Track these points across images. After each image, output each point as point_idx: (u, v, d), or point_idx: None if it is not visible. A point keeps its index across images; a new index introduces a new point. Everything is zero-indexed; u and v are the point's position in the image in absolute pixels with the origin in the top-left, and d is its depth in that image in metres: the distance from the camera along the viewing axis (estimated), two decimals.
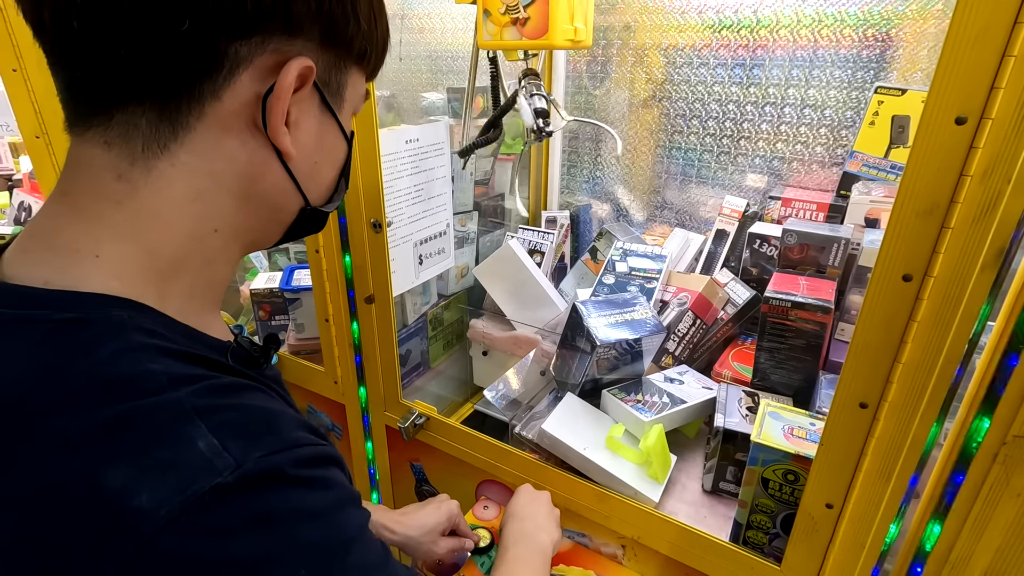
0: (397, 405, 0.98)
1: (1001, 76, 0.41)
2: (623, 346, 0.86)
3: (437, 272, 1.11)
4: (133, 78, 0.34)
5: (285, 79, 0.36)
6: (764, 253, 1.00)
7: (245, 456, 0.31)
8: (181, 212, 0.37)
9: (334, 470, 0.37)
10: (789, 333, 0.83)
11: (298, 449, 0.34)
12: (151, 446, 0.30)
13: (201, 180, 0.37)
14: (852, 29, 0.96)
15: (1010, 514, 0.51)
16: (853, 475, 0.58)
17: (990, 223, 0.45)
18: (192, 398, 0.32)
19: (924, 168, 0.46)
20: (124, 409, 0.30)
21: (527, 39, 0.77)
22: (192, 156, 0.36)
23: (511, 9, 0.77)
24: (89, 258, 0.35)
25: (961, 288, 0.47)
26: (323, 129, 0.41)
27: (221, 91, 0.35)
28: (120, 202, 0.35)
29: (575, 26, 0.77)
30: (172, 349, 0.34)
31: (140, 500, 0.28)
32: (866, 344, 0.53)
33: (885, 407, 0.54)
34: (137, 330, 0.34)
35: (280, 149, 0.38)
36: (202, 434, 0.31)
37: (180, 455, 0.30)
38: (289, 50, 0.36)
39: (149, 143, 0.35)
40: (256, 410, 0.35)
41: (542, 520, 0.72)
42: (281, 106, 0.37)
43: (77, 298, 0.33)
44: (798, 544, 0.64)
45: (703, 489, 0.85)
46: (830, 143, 1.04)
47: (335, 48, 0.39)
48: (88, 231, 0.35)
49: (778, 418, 0.71)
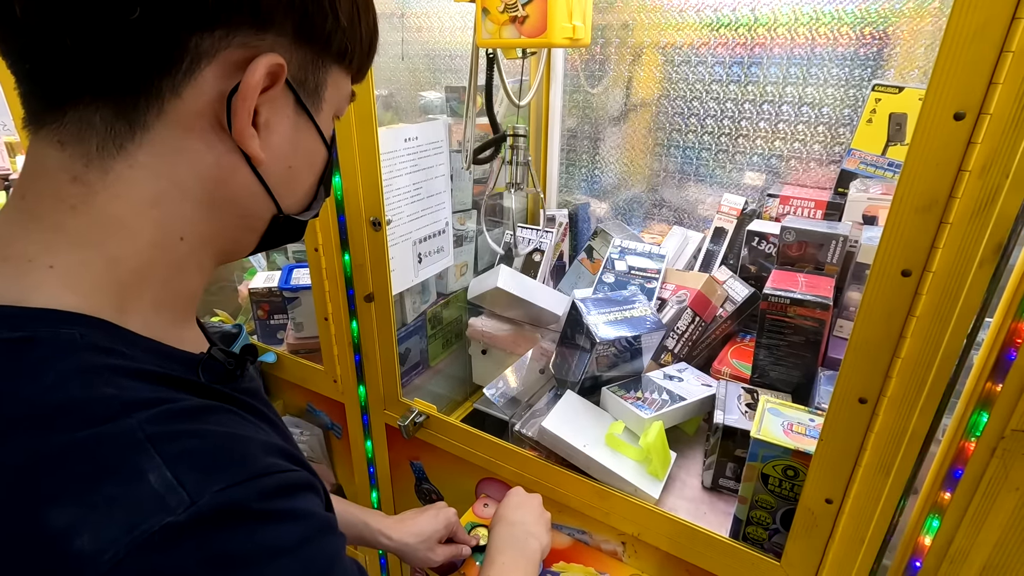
0: (397, 404, 0.98)
1: (999, 71, 0.42)
2: (622, 343, 0.86)
3: (436, 271, 1.11)
4: (85, 71, 0.31)
5: (252, 77, 0.33)
6: (762, 251, 1.00)
7: (201, 490, 0.28)
8: (142, 218, 0.34)
9: (305, 497, 0.35)
10: (788, 330, 0.83)
11: (264, 479, 0.31)
12: (98, 481, 0.27)
13: (162, 184, 0.34)
14: (849, 27, 0.97)
15: (1008, 508, 0.51)
16: (852, 470, 0.59)
17: (988, 218, 0.45)
18: (146, 425, 0.29)
19: (923, 164, 0.46)
20: (71, 439, 0.28)
21: (526, 37, 0.77)
22: (152, 158, 0.34)
23: (510, 7, 0.76)
24: (42, 269, 0.32)
25: (960, 283, 0.48)
26: (298, 132, 0.39)
27: (181, 88, 0.33)
28: (75, 207, 0.33)
29: (573, 24, 0.77)
30: (130, 368, 0.32)
31: (82, 542, 0.26)
32: (865, 339, 0.53)
33: (884, 402, 0.54)
34: (90, 349, 0.31)
35: (247, 153, 0.36)
36: (155, 466, 0.28)
37: (129, 491, 0.27)
38: (258, 45, 0.34)
39: (104, 143, 0.33)
40: (220, 436, 0.32)
41: (532, 525, 0.71)
42: (247, 106, 0.34)
43: (26, 314, 0.31)
44: (798, 539, 0.64)
45: (703, 486, 0.85)
46: (828, 141, 1.04)
47: (311, 44, 0.37)
48: (43, 239, 0.33)
49: (777, 414, 0.72)
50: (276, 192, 0.39)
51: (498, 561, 0.64)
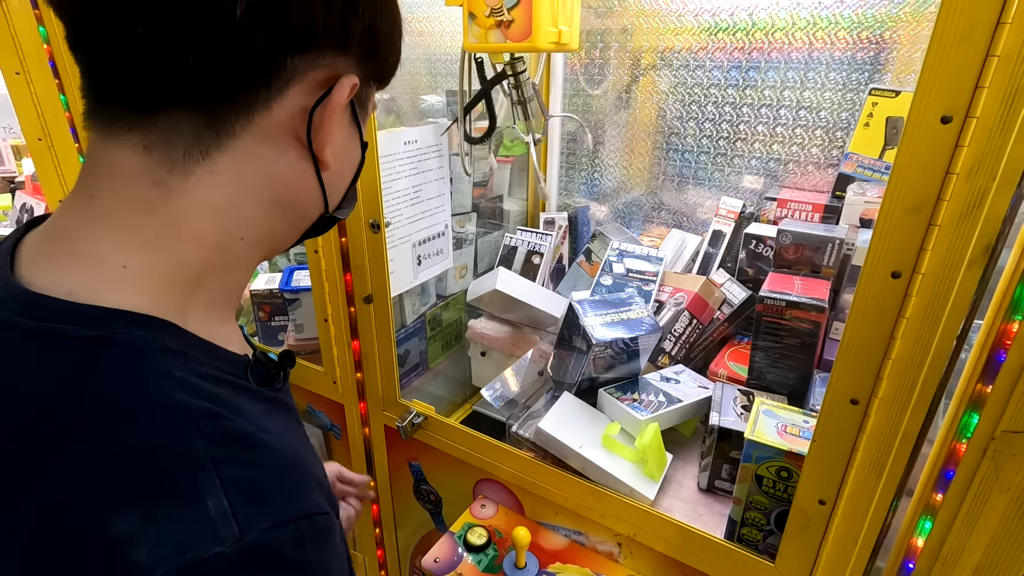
0: (395, 405, 0.99)
1: (985, 75, 0.42)
2: (619, 345, 0.86)
3: (435, 273, 1.11)
4: (185, 81, 0.33)
5: (341, 94, 0.37)
6: (760, 253, 1.01)
7: (250, 526, 0.30)
8: (211, 221, 0.36)
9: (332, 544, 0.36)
10: (784, 332, 0.83)
11: (303, 522, 0.33)
12: (162, 495, 0.29)
13: (238, 188, 0.37)
14: (847, 32, 0.97)
15: (1000, 509, 0.52)
16: (845, 471, 0.59)
17: (976, 220, 0.45)
18: (212, 446, 0.31)
19: (911, 166, 0.47)
20: (142, 446, 0.30)
21: (511, 42, 0.78)
22: (233, 164, 0.36)
23: (495, 11, 0.77)
24: (116, 268, 0.34)
25: (949, 285, 0.48)
26: (349, 140, 0.43)
27: (273, 102, 0.35)
28: (153, 209, 0.35)
29: (559, 28, 0.78)
30: (195, 371, 0.34)
31: (139, 554, 0.27)
32: (856, 341, 0.54)
33: (876, 403, 0.55)
34: (160, 351, 0.33)
35: (322, 160, 0.39)
36: (215, 491, 0.29)
37: (187, 512, 0.29)
38: (338, 66, 0.38)
39: (191, 149, 0.34)
40: (272, 468, 0.34)
41: None
42: (333, 119, 0.38)
43: (102, 314, 0.32)
44: (792, 540, 0.65)
45: (699, 487, 0.85)
46: (825, 144, 1.05)
47: (370, 66, 0.41)
48: (115, 238, 0.34)
49: (772, 416, 0.72)
50: (328, 193, 0.43)
51: None
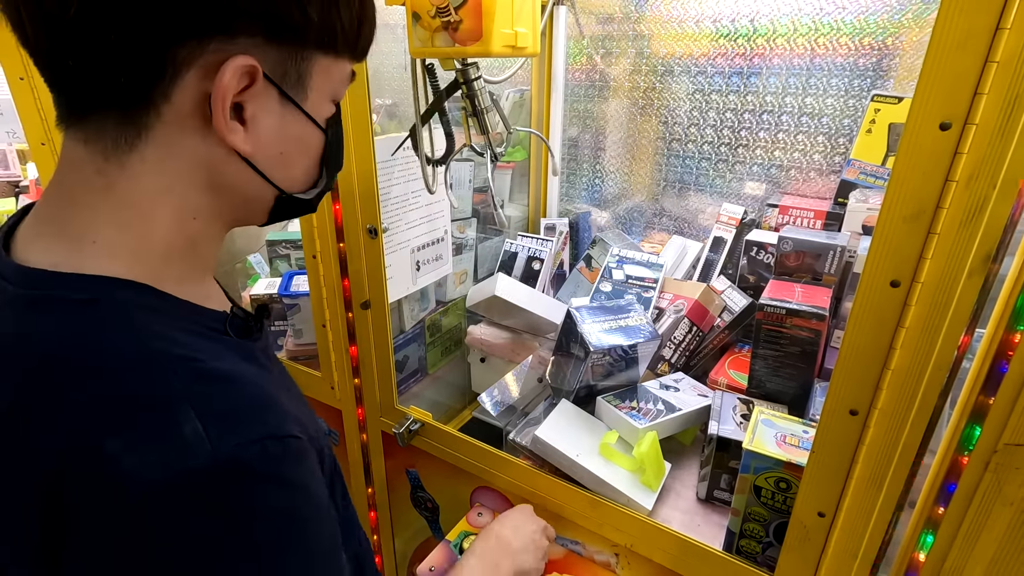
0: (393, 411, 0.99)
1: (984, 81, 0.41)
2: (618, 352, 0.86)
3: (435, 279, 1.11)
4: (91, 86, 0.37)
5: (221, 80, 0.37)
6: (761, 260, 1.00)
7: (220, 444, 0.34)
8: (159, 203, 0.40)
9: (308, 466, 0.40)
10: (784, 340, 0.82)
11: (271, 441, 0.37)
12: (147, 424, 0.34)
13: (170, 175, 0.40)
14: (848, 38, 0.97)
15: (1003, 524, 0.50)
16: (844, 483, 0.58)
17: (976, 228, 0.45)
18: (188, 385, 0.36)
19: (910, 173, 0.46)
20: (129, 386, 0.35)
21: (460, 45, 0.68)
22: (157, 152, 0.39)
23: (441, 11, 0.67)
24: (89, 244, 0.39)
25: (949, 294, 0.47)
26: (286, 121, 0.43)
27: (171, 93, 0.38)
28: (104, 193, 0.39)
29: (515, 31, 0.69)
30: (173, 325, 0.39)
31: (131, 462, 0.33)
32: (855, 350, 0.53)
33: (875, 414, 0.54)
34: (141, 309, 0.38)
35: (232, 146, 0.40)
36: (189, 419, 0.34)
37: (167, 435, 0.34)
38: (231, 49, 0.38)
39: (117, 142, 0.39)
40: (244, 400, 0.38)
41: (517, 544, 0.72)
42: (222, 106, 0.38)
43: (87, 280, 0.38)
44: (791, 553, 0.64)
45: (697, 497, 0.84)
46: (827, 151, 1.04)
47: (285, 42, 0.40)
48: (83, 218, 0.39)
49: (771, 425, 0.71)
50: (272, 176, 0.44)
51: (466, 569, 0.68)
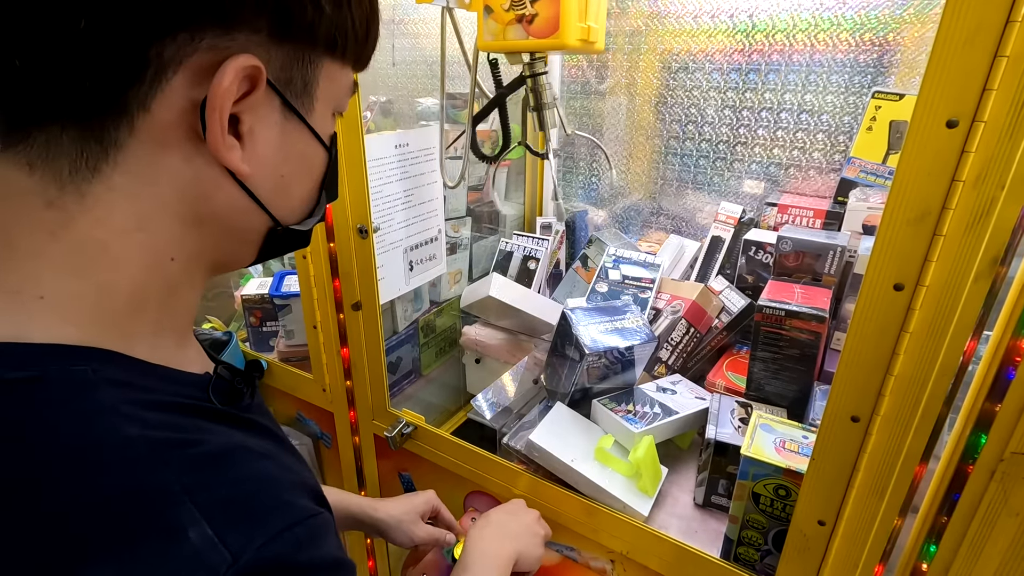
0: (385, 414, 0.97)
1: (993, 77, 0.40)
2: (613, 355, 0.84)
3: (428, 279, 1.09)
4: (42, 93, 0.28)
5: (220, 83, 0.30)
6: (760, 260, 0.98)
7: (243, 548, 0.28)
8: (128, 242, 0.32)
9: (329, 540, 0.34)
10: (783, 342, 0.81)
11: (297, 528, 0.31)
12: (137, 537, 0.26)
13: (144, 205, 0.32)
14: (849, 33, 0.95)
15: (1008, 534, 0.49)
16: (845, 491, 0.56)
17: (984, 230, 0.43)
18: (181, 475, 0.28)
19: (915, 173, 0.44)
20: (104, 488, 0.27)
21: (534, 39, 0.68)
22: (129, 178, 0.31)
23: (516, 5, 0.67)
24: (32, 300, 0.30)
25: (955, 298, 0.45)
26: (288, 136, 0.36)
27: (149, 101, 0.30)
28: (54, 233, 0.30)
29: (588, 25, 0.69)
30: (148, 401, 0.31)
31: None
32: (857, 355, 0.51)
33: (877, 421, 0.52)
34: (104, 384, 0.29)
35: (229, 165, 0.33)
36: (194, 520, 0.27)
37: (169, 549, 0.26)
38: (228, 47, 0.30)
39: (76, 165, 0.30)
40: (251, 482, 0.31)
41: (515, 527, 0.70)
42: (219, 116, 0.31)
43: (29, 351, 0.29)
44: (790, 562, 0.62)
45: (695, 503, 0.82)
46: (827, 149, 1.02)
47: (292, 40, 0.33)
48: (24, 268, 0.30)
49: (770, 431, 0.69)
50: (268, 204, 0.36)
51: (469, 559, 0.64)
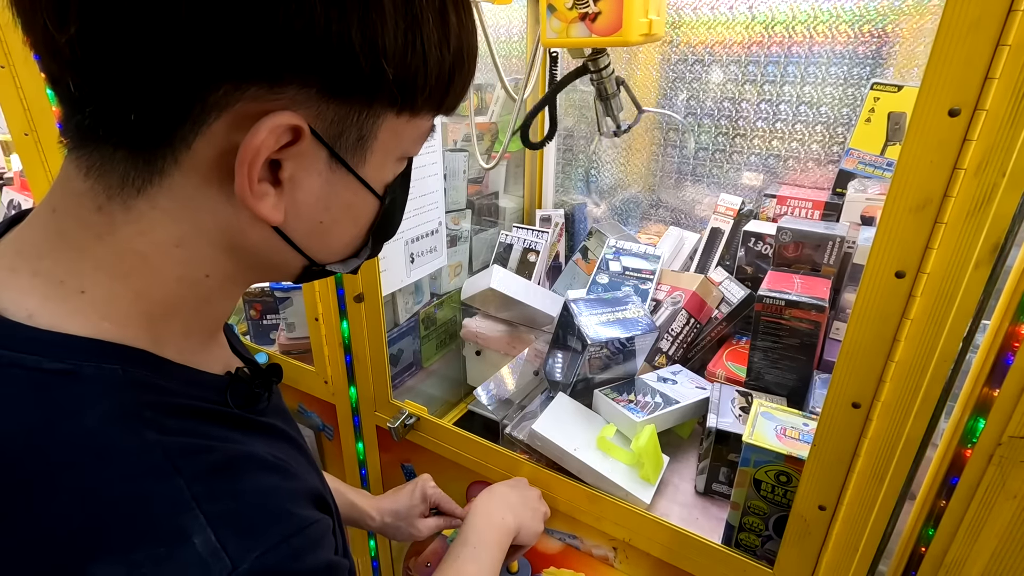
0: (387, 405, 0.97)
1: (995, 66, 0.40)
2: (615, 345, 0.85)
3: (429, 271, 1.09)
4: (100, 117, 0.30)
5: (252, 139, 0.30)
6: (759, 251, 0.99)
7: (242, 556, 0.29)
8: (166, 256, 0.33)
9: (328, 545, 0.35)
10: (783, 332, 0.82)
11: (296, 537, 0.32)
12: (145, 539, 0.28)
13: (184, 227, 0.33)
14: (848, 25, 0.95)
15: (1006, 517, 0.50)
16: (846, 476, 0.57)
17: (984, 218, 0.44)
18: (192, 483, 0.30)
19: (917, 162, 0.45)
20: (118, 489, 0.28)
21: (597, 36, 0.69)
22: (172, 202, 0.32)
23: (579, 3, 0.68)
24: (74, 293, 0.32)
25: (955, 285, 0.46)
26: (333, 186, 0.35)
27: (191, 139, 0.31)
28: (100, 235, 0.32)
29: (650, 19, 0.70)
30: (169, 405, 0.32)
31: None
32: (858, 342, 0.52)
33: (878, 407, 0.53)
34: (131, 386, 0.31)
35: (256, 212, 0.33)
36: (200, 527, 0.29)
37: (175, 553, 0.28)
38: (274, 101, 0.30)
39: (124, 182, 0.32)
40: (256, 494, 0.33)
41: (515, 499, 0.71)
42: (247, 168, 0.31)
43: (66, 342, 0.30)
44: (791, 547, 0.63)
45: (696, 490, 0.83)
46: (826, 140, 1.03)
47: (345, 97, 0.32)
48: (72, 260, 0.32)
49: (771, 418, 0.70)
50: (304, 246, 0.37)
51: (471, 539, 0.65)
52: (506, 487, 0.75)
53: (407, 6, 0.30)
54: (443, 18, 0.32)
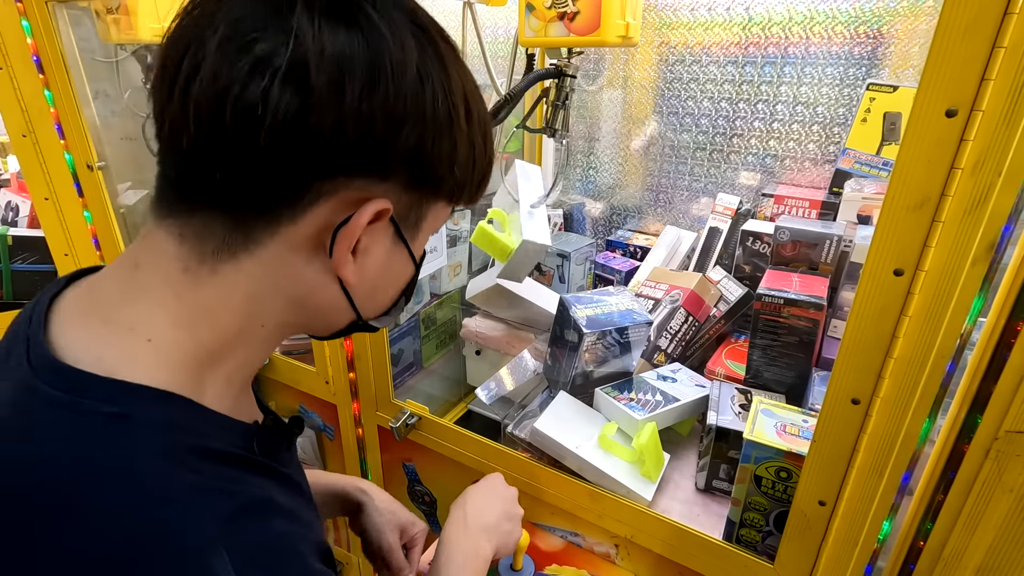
0: (389, 405, 0.98)
1: (991, 67, 0.41)
2: (611, 337, 0.85)
3: (429, 271, 1.10)
4: (220, 188, 0.35)
5: (359, 219, 0.36)
6: (757, 250, 1.00)
7: None
8: (235, 311, 0.38)
9: None
10: (782, 330, 0.82)
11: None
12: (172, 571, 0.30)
13: (262, 286, 0.38)
14: (844, 26, 0.97)
15: (1003, 510, 0.51)
16: (846, 472, 0.58)
17: (981, 216, 0.44)
18: (220, 524, 0.32)
19: (915, 161, 0.45)
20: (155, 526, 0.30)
21: (575, 35, 0.71)
22: (259, 267, 0.37)
23: (558, 3, 0.71)
24: (142, 341, 0.35)
25: (952, 282, 0.47)
26: (392, 257, 0.42)
27: (299, 217, 0.36)
28: (180, 294, 0.36)
29: (627, 21, 0.72)
30: (206, 449, 0.35)
31: None
32: (858, 339, 0.53)
33: (877, 403, 0.54)
34: (174, 429, 0.34)
35: (342, 277, 0.39)
36: (224, 567, 0.31)
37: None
38: (373, 190, 0.37)
39: (220, 249, 0.36)
40: (276, 536, 0.36)
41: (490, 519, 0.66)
42: (349, 243, 0.37)
43: (124, 389, 0.34)
44: (791, 542, 0.64)
45: (696, 487, 0.84)
46: (822, 140, 1.04)
47: (421, 190, 0.39)
48: (147, 312, 0.36)
49: (771, 415, 0.71)
50: (359, 305, 0.43)
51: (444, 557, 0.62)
52: (480, 496, 0.69)
53: (469, 131, 0.40)
54: (484, 139, 0.42)
